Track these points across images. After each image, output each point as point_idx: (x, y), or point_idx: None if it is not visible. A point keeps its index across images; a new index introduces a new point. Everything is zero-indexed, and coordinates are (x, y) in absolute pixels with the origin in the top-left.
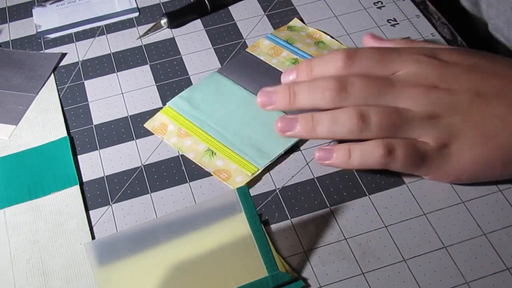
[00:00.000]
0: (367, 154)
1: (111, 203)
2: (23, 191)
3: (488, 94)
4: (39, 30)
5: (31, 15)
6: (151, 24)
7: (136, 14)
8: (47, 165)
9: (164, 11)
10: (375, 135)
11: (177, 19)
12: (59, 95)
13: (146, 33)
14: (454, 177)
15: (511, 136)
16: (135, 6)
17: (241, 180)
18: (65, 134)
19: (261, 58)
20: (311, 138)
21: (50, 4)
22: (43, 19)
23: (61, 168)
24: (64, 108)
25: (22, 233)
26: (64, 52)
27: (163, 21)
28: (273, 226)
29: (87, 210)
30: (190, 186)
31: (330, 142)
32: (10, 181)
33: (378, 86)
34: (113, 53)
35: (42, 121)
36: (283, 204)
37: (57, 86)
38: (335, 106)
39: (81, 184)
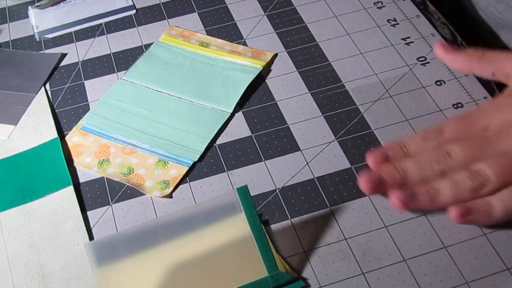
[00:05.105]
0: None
1: (111, 203)
2: (17, 194)
3: None
4: (36, 31)
5: None
6: None
7: (133, 11)
8: (40, 167)
9: (164, 11)
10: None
11: None
12: (47, 96)
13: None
14: None
15: None
16: (132, 3)
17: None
18: (55, 135)
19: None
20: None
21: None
22: (40, 20)
23: (53, 170)
24: (64, 108)
25: (18, 237)
26: (64, 52)
27: None
28: (273, 226)
29: (83, 210)
30: (190, 186)
31: None
32: (3, 185)
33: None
34: (113, 53)
35: (32, 124)
36: (283, 204)
37: (44, 88)
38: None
39: (80, 184)
